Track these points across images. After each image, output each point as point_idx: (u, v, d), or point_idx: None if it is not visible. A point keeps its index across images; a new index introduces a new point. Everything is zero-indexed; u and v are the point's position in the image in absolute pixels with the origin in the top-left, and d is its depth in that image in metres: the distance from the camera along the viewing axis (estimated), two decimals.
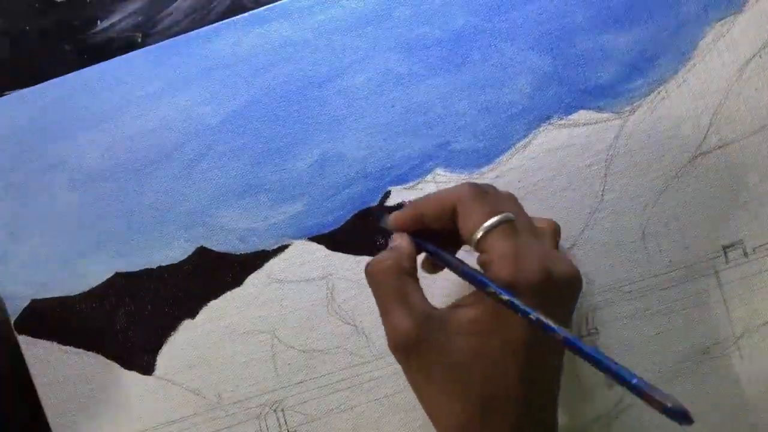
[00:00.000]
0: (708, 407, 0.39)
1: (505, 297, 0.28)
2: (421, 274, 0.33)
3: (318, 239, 0.40)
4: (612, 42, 0.39)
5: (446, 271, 0.34)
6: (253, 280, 0.40)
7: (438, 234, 0.33)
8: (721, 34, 0.39)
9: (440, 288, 0.39)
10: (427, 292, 0.32)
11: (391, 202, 0.39)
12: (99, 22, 0.40)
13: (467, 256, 0.33)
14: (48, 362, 0.39)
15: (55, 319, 0.39)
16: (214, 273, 0.40)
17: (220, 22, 0.40)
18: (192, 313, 0.40)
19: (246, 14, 0.40)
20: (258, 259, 0.40)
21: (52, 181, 0.40)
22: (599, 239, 0.39)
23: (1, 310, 0.40)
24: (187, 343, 0.40)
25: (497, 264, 0.29)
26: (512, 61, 0.39)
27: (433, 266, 0.35)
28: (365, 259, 0.39)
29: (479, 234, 0.30)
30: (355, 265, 0.39)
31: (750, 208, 0.39)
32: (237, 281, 0.40)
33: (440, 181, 0.39)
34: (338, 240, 0.40)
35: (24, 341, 0.39)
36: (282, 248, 0.40)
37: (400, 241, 0.33)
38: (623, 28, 0.39)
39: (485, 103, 0.39)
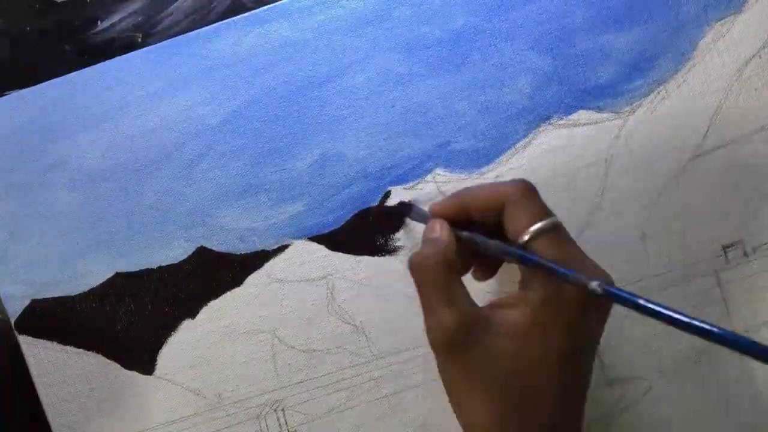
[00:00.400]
0: (708, 407, 0.39)
1: (562, 272, 0.28)
2: None
3: (318, 239, 0.40)
4: (612, 42, 0.39)
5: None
6: (253, 280, 0.40)
7: (475, 227, 0.32)
8: (721, 34, 0.39)
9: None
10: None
11: (390, 202, 0.40)
12: (99, 22, 0.40)
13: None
14: (48, 362, 0.39)
15: (55, 319, 0.39)
16: (214, 273, 0.40)
17: (220, 22, 0.40)
18: (192, 313, 0.40)
19: (246, 14, 0.40)
20: (258, 259, 0.40)
21: (52, 181, 0.40)
22: (599, 239, 0.39)
23: (1, 310, 0.40)
24: (187, 343, 0.40)
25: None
26: (512, 61, 0.39)
27: (483, 273, 0.35)
28: (365, 259, 0.39)
29: (527, 236, 0.30)
30: (355, 265, 0.39)
31: (750, 208, 0.39)
32: (237, 281, 0.40)
33: (440, 181, 0.39)
34: (338, 240, 0.40)
35: (24, 341, 0.39)
36: (282, 248, 0.40)
37: (440, 233, 0.32)
38: (623, 28, 0.39)
39: (485, 103, 0.39)
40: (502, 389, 0.29)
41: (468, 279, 0.35)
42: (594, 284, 0.27)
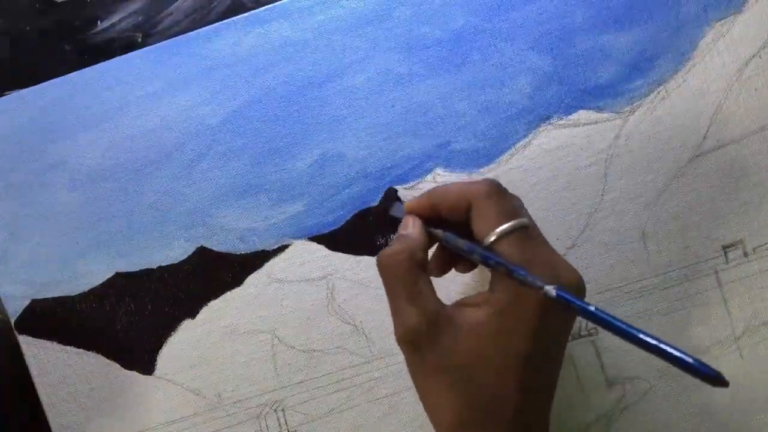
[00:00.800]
0: (708, 407, 0.39)
1: (520, 273, 0.28)
2: None
3: (318, 239, 0.40)
4: (612, 42, 0.39)
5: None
6: (253, 280, 0.40)
7: (450, 225, 0.32)
8: (721, 34, 0.39)
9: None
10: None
11: (395, 198, 0.39)
12: (99, 22, 0.40)
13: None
14: (48, 362, 0.39)
15: (55, 319, 0.39)
16: (214, 273, 0.40)
17: (220, 22, 0.40)
18: (192, 313, 0.40)
19: (246, 14, 0.40)
20: (258, 259, 0.40)
21: (52, 181, 0.40)
22: (599, 239, 0.39)
23: (1, 310, 0.40)
24: (187, 343, 0.40)
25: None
26: (512, 61, 0.39)
27: (439, 269, 0.35)
28: (365, 259, 0.39)
29: (492, 237, 0.30)
30: (355, 265, 0.39)
31: (750, 208, 0.39)
32: (237, 281, 0.40)
33: (440, 181, 0.39)
34: (338, 240, 0.40)
35: (24, 341, 0.39)
36: (282, 248, 0.40)
37: (412, 230, 0.32)
38: (623, 28, 0.39)
39: (485, 103, 0.39)
40: (466, 386, 0.29)
41: (453, 274, 0.35)
42: (547, 288, 0.27)
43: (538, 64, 0.39)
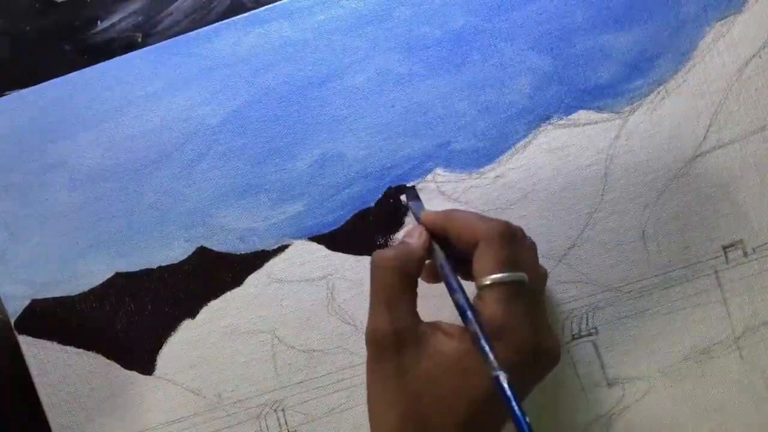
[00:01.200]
0: (708, 407, 0.39)
1: (483, 345, 0.28)
2: None
3: (318, 239, 0.40)
4: (612, 42, 0.39)
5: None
6: (253, 280, 0.40)
7: (460, 250, 0.32)
8: (721, 34, 0.39)
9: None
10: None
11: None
12: (99, 22, 0.40)
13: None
14: (48, 362, 0.39)
15: (55, 319, 0.39)
16: (214, 273, 0.40)
17: (220, 22, 0.40)
18: (192, 313, 0.40)
19: (246, 14, 0.40)
20: (258, 259, 0.40)
21: (52, 181, 0.40)
22: (599, 239, 0.39)
23: (1, 310, 0.40)
24: (187, 343, 0.40)
25: (485, 324, 0.29)
26: (512, 61, 0.39)
27: (433, 277, 0.35)
28: (365, 259, 0.39)
29: (486, 282, 0.30)
30: (355, 265, 0.39)
31: (750, 208, 0.39)
32: (237, 281, 0.40)
33: (440, 181, 0.39)
34: (338, 240, 0.40)
35: (24, 341, 0.39)
36: (282, 248, 0.40)
37: (416, 240, 0.32)
38: (623, 28, 0.39)
39: (485, 103, 0.39)
40: (411, 405, 0.29)
41: None
42: (495, 374, 0.27)
43: (538, 64, 0.39)
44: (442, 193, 0.39)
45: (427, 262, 0.33)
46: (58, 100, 0.40)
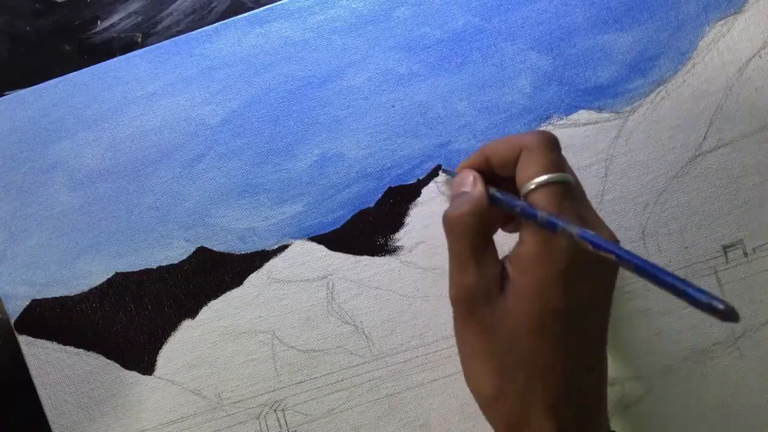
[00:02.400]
0: (708, 407, 0.39)
1: (563, 225, 0.27)
2: None
3: (318, 239, 0.40)
4: (612, 42, 0.39)
5: None
6: (253, 280, 0.40)
7: (500, 184, 0.31)
8: (721, 34, 0.39)
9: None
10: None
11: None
12: (99, 22, 0.40)
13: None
14: (48, 362, 0.39)
15: (55, 319, 0.39)
16: (214, 273, 0.40)
17: (220, 22, 0.40)
18: (192, 313, 0.40)
19: (246, 14, 0.40)
20: (258, 259, 0.40)
21: (52, 181, 0.40)
22: None
23: (1, 310, 0.40)
24: (187, 343, 0.40)
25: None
26: (512, 61, 0.39)
27: (510, 225, 0.34)
28: (365, 259, 0.39)
29: (531, 186, 0.29)
30: (355, 265, 0.39)
31: (750, 208, 0.39)
32: (237, 281, 0.40)
33: (440, 181, 0.39)
34: (338, 240, 0.40)
35: (24, 341, 0.39)
36: (282, 248, 0.40)
37: (475, 188, 0.31)
38: (623, 28, 0.39)
39: (485, 103, 0.39)
40: (506, 349, 0.29)
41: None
42: (578, 231, 0.26)
43: (538, 64, 0.39)
44: (442, 193, 0.39)
45: None
46: (58, 100, 0.40)
